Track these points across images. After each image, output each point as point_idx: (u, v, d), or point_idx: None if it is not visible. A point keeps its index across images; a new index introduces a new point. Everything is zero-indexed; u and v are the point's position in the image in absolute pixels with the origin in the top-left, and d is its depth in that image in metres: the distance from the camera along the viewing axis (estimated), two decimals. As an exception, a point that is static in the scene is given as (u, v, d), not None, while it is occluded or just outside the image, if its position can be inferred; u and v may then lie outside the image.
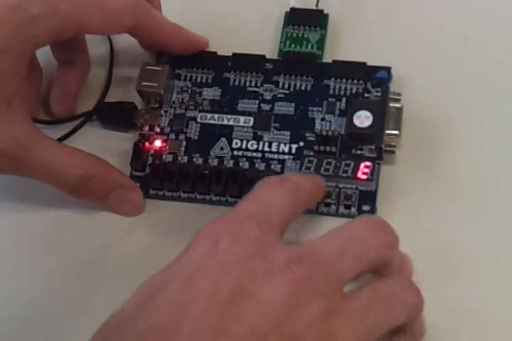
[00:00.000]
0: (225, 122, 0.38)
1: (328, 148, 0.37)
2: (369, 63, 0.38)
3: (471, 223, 0.36)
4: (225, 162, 0.37)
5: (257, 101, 0.38)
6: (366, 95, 0.38)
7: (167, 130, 0.38)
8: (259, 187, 0.31)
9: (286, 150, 0.37)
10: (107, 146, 0.39)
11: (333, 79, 0.38)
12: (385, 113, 0.36)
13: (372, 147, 0.36)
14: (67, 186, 0.35)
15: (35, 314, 0.36)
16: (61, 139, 0.39)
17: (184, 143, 0.38)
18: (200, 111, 0.39)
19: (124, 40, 0.40)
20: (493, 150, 0.37)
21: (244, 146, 0.38)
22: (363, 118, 0.36)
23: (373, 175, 0.36)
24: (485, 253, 0.35)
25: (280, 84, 0.39)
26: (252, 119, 0.38)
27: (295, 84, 0.39)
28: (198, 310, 0.26)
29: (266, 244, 0.28)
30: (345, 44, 0.40)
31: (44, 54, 0.39)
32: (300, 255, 0.28)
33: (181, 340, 0.25)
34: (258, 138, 0.38)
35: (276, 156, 0.37)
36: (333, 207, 0.36)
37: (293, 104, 0.38)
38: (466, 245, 0.35)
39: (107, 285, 0.36)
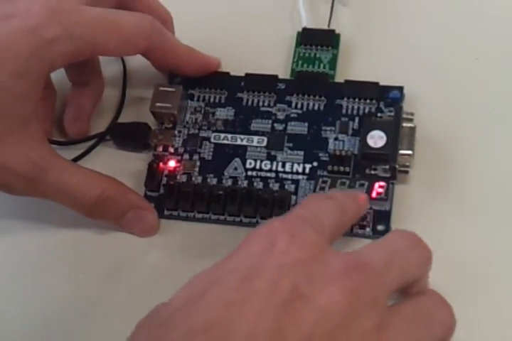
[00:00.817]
0: (239, 142, 0.38)
1: (341, 168, 0.37)
2: (381, 83, 0.38)
3: (485, 241, 0.36)
4: (239, 182, 0.37)
5: (270, 121, 0.39)
6: (379, 115, 0.38)
7: (181, 150, 0.38)
8: (307, 200, 0.32)
9: (300, 170, 0.37)
10: (121, 167, 0.39)
11: (345, 98, 0.38)
12: (399, 133, 0.36)
13: (386, 167, 0.36)
14: (83, 207, 0.36)
15: (48, 333, 0.36)
16: (75, 160, 0.39)
17: (198, 163, 0.38)
18: (213, 132, 0.39)
19: (137, 61, 0.40)
20: (507, 168, 0.37)
21: (258, 166, 0.38)
22: (376, 139, 0.36)
23: (387, 194, 0.36)
24: (501, 269, 0.35)
25: (293, 104, 0.39)
26: (265, 139, 0.38)
27: (308, 104, 0.39)
28: (254, 311, 0.26)
29: (322, 248, 0.28)
30: (356, 64, 0.40)
31: (58, 75, 0.39)
32: (356, 263, 0.28)
33: (236, 340, 0.25)
34: (272, 158, 0.38)
35: (290, 176, 0.37)
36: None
37: (306, 124, 0.38)
38: (481, 262, 0.35)
39: (122, 306, 0.36)
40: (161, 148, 0.39)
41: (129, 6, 0.37)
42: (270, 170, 0.38)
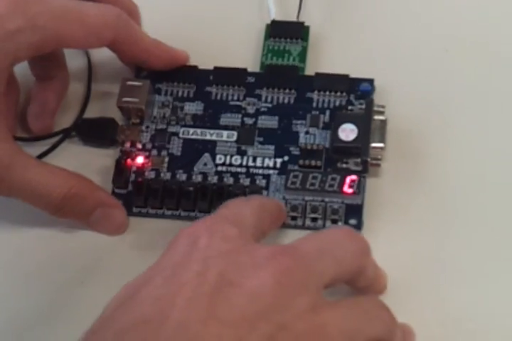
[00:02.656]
0: (208, 137, 0.38)
1: (313, 162, 0.36)
2: (351, 75, 0.38)
3: (456, 234, 0.36)
4: (209, 178, 0.37)
5: (240, 115, 0.38)
6: (350, 108, 0.38)
7: (149, 146, 0.38)
8: (228, 202, 0.32)
9: (271, 164, 0.37)
10: (88, 163, 0.38)
11: (316, 91, 0.38)
12: (370, 126, 0.36)
13: (358, 160, 0.36)
14: (50, 205, 0.35)
15: (21, 332, 0.35)
16: (40, 157, 0.38)
17: (167, 159, 0.37)
18: (182, 126, 0.38)
19: (102, 54, 0.39)
20: (477, 160, 0.37)
21: (228, 161, 0.37)
22: (347, 132, 0.36)
23: (359, 188, 0.36)
24: (470, 263, 0.35)
25: (263, 98, 0.38)
26: (235, 134, 0.38)
27: (278, 98, 0.38)
28: (184, 300, 0.26)
29: (245, 241, 0.29)
30: (326, 56, 0.40)
31: (21, 69, 0.38)
32: (284, 249, 0.28)
33: (170, 329, 0.25)
34: (242, 153, 0.37)
35: (261, 171, 0.37)
36: (320, 222, 0.36)
37: (276, 118, 0.38)
38: (451, 256, 0.35)
39: (92, 305, 0.35)
40: (128, 144, 0.38)
41: None
42: (241, 165, 0.37)
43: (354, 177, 0.36)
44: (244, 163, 0.37)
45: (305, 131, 0.37)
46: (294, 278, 0.27)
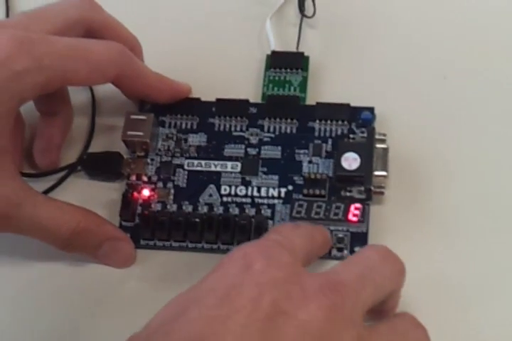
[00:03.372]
0: (213, 168, 0.38)
1: (317, 191, 0.37)
2: (352, 104, 0.38)
3: (461, 260, 0.36)
4: (215, 208, 0.37)
5: (244, 146, 0.38)
6: (351, 136, 0.38)
7: (154, 178, 0.38)
8: (278, 227, 0.33)
9: (276, 194, 0.37)
10: (94, 197, 0.38)
11: (317, 121, 0.38)
12: (373, 154, 0.36)
13: (362, 188, 0.37)
14: (59, 241, 0.35)
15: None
16: (46, 192, 0.39)
17: (172, 191, 0.38)
18: (186, 158, 0.38)
19: (106, 89, 0.40)
20: (480, 187, 0.37)
21: (233, 192, 0.37)
22: (350, 161, 0.36)
23: (364, 216, 0.36)
24: (474, 289, 0.35)
25: (265, 128, 0.39)
26: (239, 164, 0.38)
27: (280, 128, 0.39)
28: (238, 326, 0.26)
29: (297, 269, 0.29)
30: (327, 86, 0.40)
31: (25, 105, 0.38)
32: (331, 282, 0.29)
33: None
34: (246, 184, 0.38)
35: (265, 201, 0.37)
36: (326, 250, 0.36)
37: (279, 148, 0.38)
38: (456, 282, 0.35)
39: (102, 337, 0.36)
40: (134, 177, 0.38)
41: (97, 34, 0.37)
42: (246, 196, 0.37)
43: (358, 205, 0.36)
44: (249, 193, 0.37)
45: (308, 160, 0.38)
46: (342, 314, 0.28)
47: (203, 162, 0.38)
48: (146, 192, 0.38)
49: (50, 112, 0.39)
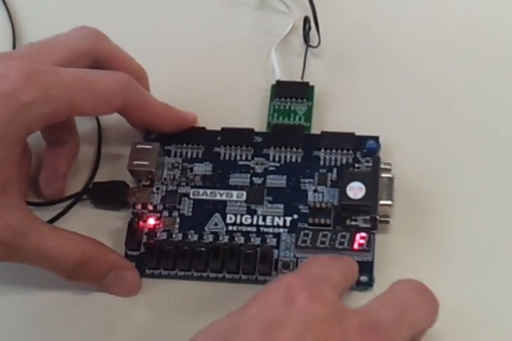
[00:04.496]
0: (218, 197, 0.38)
1: (322, 220, 0.37)
2: (357, 133, 0.39)
3: (467, 289, 0.36)
4: (220, 237, 0.37)
5: (249, 175, 0.39)
6: (357, 165, 0.38)
7: (160, 207, 0.38)
8: (315, 259, 0.32)
9: (281, 223, 0.37)
10: (100, 226, 0.38)
11: (322, 150, 0.39)
12: (378, 183, 0.36)
13: (367, 217, 0.37)
14: (64, 270, 0.35)
15: None
16: (52, 220, 0.39)
17: (178, 220, 0.38)
18: (192, 187, 0.38)
19: (112, 118, 0.40)
20: (486, 216, 0.37)
21: (238, 221, 0.37)
22: (356, 190, 0.37)
23: (369, 245, 0.36)
24: (484, 316, 0.35)
25: (271, 157, 0.39)
26: (244, 193, 0.38)
27: (285, 157, 0.39)
28: None
29: (339, 306, 0.29)
30: (331, 115, 0.41)
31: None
32: (371, 323, 0.29)
33: None
34: (252, 212, 0.38)
35: (271, 230, 0.37)
36: (332, 280, 0.36)
37: (284, 177, 0.38)
38: (465, 310, 0.35)
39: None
40: (139, 206, 0.38)
41: (104, 64, 0.37)
42: (251, 225, 0.37)
43: (364, 234, 0.36)
44: (254, 222, 0.37)
45: (313, 189, 0.38)
46: None
47: (208, 191, 0.38)
48: (151, 221, 0.38)
49: (57, 142, 0.39)
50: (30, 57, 0.35)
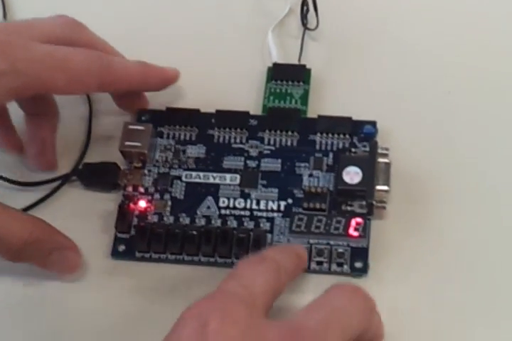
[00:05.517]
0: (211, 180, 0.37)
1: (317, 205, 0.36)
2: (354, 118, 0.38)
3: (462, 276, 0.35)
4: (213, 221, 0.36)
5: (243, 158, 0.38)
6: (353, 150, 0.37)
7: (151, 190, 0.37)
8: (240, 267, 0.31)
9: (275, 207, 0.37)
10: (89, 208, 0.38)
11: (319, 134, 0.38)
12: (375, 168, 0.36)
13: (363, 203, 0.36)
14: (9, 251, 0.34)
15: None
16: (39, 201, 0.38)
17: (169, 202, 0.37)
18: (184, 170, 0.38)
19: (103, 97, 0.39)
20: (482, 203, 0.37)
21: (231, 205, 0.37)
22: (352, 175, 0.36)
23: (365, 231, 0.35)
24: (475, 307, 0.35)
25: (266, 141, 0.38)
26: (238, 177, 0.37)
27: (281, 140, 0.38)
28: None
29: (255, 323, 0.28)
30: (328, 99, 0.40)
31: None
32: (291, 330, 0.28)
33: None
34: (245, 196, 0.37)
35: (264, 214, 0.37)
36: (326, 265, 0.35)
37: (279, 161, 0.38)
38: (458, 299, 0.35)
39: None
40: (130, 188, 0.37)
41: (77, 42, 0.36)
42: (244, 209, 0.37)
43: (359, 220, 0.35)
44: (247, 206, 0.37)
45: (308, 173, 0.37)
46: None
47: (201, 174, 0.38)
48: (142, 204, 0.37)
49: (37, 113, 0.38)
50: (6, 31, 0.34)
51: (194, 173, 0.38)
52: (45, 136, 0.39)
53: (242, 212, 0.37)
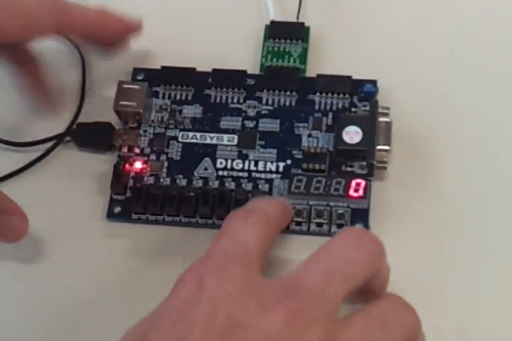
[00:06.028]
0: (208, 141, 0.37)
1: (317, 166, 0.35)
2: (354, 76, 0.37)
3: (463, 237, 0.35)
4: (210, 183, 0.36)
5: (241, 119, 0.37)
6: (353, 110, 0.37)
7: (147, 150, 0.37)
8: (228, 223, 0.30)
9: (274, 168, 0.36)
10: (84, 169, 0.37)
11: (318, 93, 0.37)
12: (375, 128, 0.35)
13: (363, 163, 0.35)
14: None
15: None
16: (34, 162, 0.37)
17: (166, 163, 0.36)
18: (181, 130, 0.37)
19: (97, 58, 0.39)
20: (484, 162, 0.36)
21: (229, 166, 0.36)
22: (352, 134, 0.35)
23: (365, 192, 0.35)
24: (476, 265, 0.34)
25: (263, 100, 0.37)
26: (236, 137, 0.37)
27: (279, 100, 0.37)
28: None
29: (250, 279, 0.28)
30: (327, 57, 0.39)
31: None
32: (288, 287, 0.27)
33: None
34: (243, 157, 0.36)
35: (263, 175, 0.36)
36: (326, 227, 0.35)
37: (278, 121, 0.37)
38: (459, 259, 0.34)
39: (95, 313, 0.34)
40: (126, 149, 0.37)
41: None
42: (242, 170, 0.36)
43: (360, 180, 0.35)
44: (245, 168, 0.36)
45: (307, 134, 0.36)
46: (303, 317, 0.26)
47: (198, 134, 0.37)
48: (138, 165, 0.36)
49: (20, 61, 0.36)
50: None
51: (191, 134, 0.37)
52: (33, 81, 0.37)
53: (240, 174, 0.36)
